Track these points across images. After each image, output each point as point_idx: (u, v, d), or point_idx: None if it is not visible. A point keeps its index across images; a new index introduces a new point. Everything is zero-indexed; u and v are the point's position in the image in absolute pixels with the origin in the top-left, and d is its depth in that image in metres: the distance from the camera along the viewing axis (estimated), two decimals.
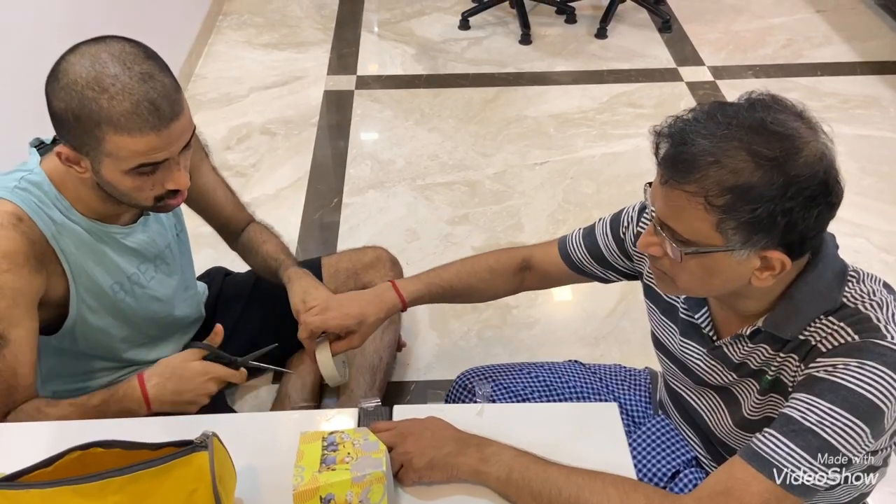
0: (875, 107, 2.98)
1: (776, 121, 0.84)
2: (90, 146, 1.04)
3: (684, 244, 0.89)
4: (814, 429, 0.85)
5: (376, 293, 1.29)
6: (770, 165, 0.81)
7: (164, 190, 1.12)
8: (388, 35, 3.60)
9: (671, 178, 0.86)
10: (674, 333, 1.13)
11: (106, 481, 0.83)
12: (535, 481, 0.92)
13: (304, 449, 0.92)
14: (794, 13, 3.69)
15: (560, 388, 1.34)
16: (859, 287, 0.93)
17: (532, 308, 2.14)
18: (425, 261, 2.27)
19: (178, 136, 1.06)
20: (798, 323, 0.93)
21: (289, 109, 3.03)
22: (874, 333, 0.88)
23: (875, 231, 2.37)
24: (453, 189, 2.60)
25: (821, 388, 0.87)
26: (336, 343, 1.27)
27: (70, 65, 1.02)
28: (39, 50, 2.04)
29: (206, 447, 0.86)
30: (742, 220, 0.83)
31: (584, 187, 2.59)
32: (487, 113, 3.01)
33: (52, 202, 1.14)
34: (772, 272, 0.88)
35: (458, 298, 1.35)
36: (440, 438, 0.98)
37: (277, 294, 1.65)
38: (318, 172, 2.69)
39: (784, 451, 0.86)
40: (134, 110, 1.00)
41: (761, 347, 0.98)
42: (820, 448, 0.85)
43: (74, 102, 1.01)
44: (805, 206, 0.82)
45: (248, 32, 3.58)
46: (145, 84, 1.01)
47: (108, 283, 1.24)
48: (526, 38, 3.47)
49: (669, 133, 0.88)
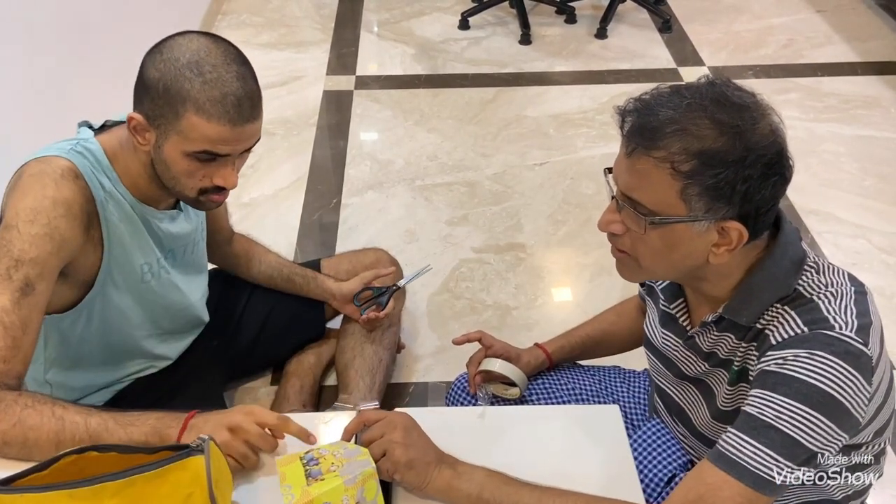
0: (876, 107, 2.97)
1: (735, 95, 0.89)
2: (166, 119, 1.10)
3: (648, 214, 0.90)
4: (773, 424, 0.86)
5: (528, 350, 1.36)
6: (732, 132, 0.85)
7: (212, 184, 1.16)
8: (387, 35, 3.60)
9: (639, 145, 0.89)
10: (656, 326, 1.14)
11: (101, 485, 0.82)
12: (505, 501, 0.93)
13: (284, 471, 0.90)
14: (794, 13, 3.69)
15: (559, 390, 1.34)
16: (817, 277, 0.94)
17: (531, 310, 2.13)
18: (424, 261, 2.27)
19: (246, 138, 1.13)
20: (754, 309, 0.94)
21: (288, 109, 3.03)
22: (823, 324, 0.88)
23: (876, 232, 2.37)
24: (452, 189, 2.60)
25: (773, 381, 0.88)
26: None
27: (177, 43, 1.10)
28: (36, 49, 2.04)
29: (202, 451, 0.86)
30: (706, 185, 0.86)
31: (584, 188, 2.58)
32: (487, 113, 3.00)
33: (104, 170, 1.18)
34: (728, 246, 0.91)
35: (597, 348, 1.38)
36: (424, 445, 0.98)
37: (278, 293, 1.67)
38: (317, 173, 2.69)
39: (749, 450, 0.86)
40: (220, 100, 1.07)
41: (726, 336, 1.00)
42: (783, 443, 0.85)
43: (170, 76, 1.07)
44: (763, 174, 0.86)
45: (246, 32, 3.57)
46: (238, 82, 1.09)
47: (140, 261, 1.26)
48: (526, 38, 3.47)
49: (635, 108, 0.91)
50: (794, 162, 0.90)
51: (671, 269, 0.98)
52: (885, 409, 0.97)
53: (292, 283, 1.67)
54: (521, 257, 2.32)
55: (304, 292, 1.68)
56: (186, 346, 1.48)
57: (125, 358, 1.37)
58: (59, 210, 1.09)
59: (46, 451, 0.97)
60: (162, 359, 1.43)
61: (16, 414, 0.99)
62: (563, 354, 1.36)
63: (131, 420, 1.01)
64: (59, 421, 0.99)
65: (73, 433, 0.99)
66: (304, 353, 1.77)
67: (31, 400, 1.01)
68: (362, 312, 1.66)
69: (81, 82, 2.25)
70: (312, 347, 1.79)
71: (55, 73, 2.12)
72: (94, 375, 1.35)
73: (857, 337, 0.87)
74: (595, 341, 1.37)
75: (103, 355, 1.33)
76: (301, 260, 2.02)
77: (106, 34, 2.50)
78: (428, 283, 2.17)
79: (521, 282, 2.23)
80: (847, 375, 0.85)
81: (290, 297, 1.69)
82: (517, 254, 2.33)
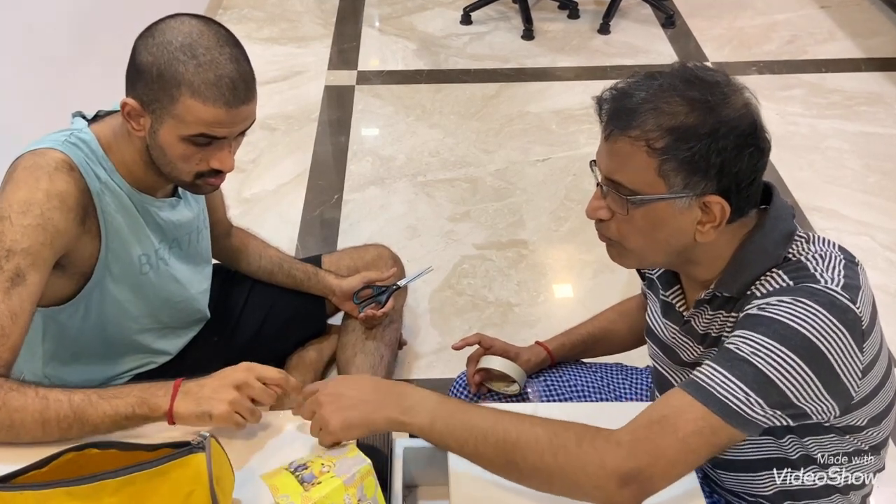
0: (879, 103, 2.96)
1: (705, 74, 0.92)
2: (161, 104, 1.09)
3: (629, 194, 0.93)
4: (748, 359, 0.86)
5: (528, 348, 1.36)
6: (703, 108, 0.88)
7: (208, 168, 1.15)
8: (389, 30, 3.59)
9: (615, 127, 0.92)
10: (658, 317, 1.14)
11: (101, 483, 0.82)
12: (459, 429, 0.91)
13: (274, 483, 0.88)
14: (798, 9, 3.67)
15: (561, 387, 1.34)
16: (807, 246, 0.95)
17: (534, 306, 2.12)
18: (426, 258, 2.26)
19: (242, 120, 1.13)
20: (744, 279, 0.95)
21: (289, 105, 3.02)
22: (808, 279, 0.90)
23: (879, 229, 2.36)
24: (454, 186, 2.59)
25: (753, 322, 0.89)
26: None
27: (168, 27, 1.09)
28: (35, 44, 2.03)
29: (203, 448, 0.85)
30: (681, 160, 0.88)
31: (586, 184, 2.57)
32: (489, 109, 2.99)
33: (99, 161, 1.17)
34: (712, 223, 0.92)
35: (598, 346, 1.38)
36: (357, 397, 0.96)
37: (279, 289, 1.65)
38: (319, 168, 2.68)
39: (719, 379, 0.87)
40: (215, 82, 1.07)
41: (720, 314, 1.00)
42: (756, 378, 0.85)
43: (163, 60, 1.07)
44: (737, 145, 0.88)
45: (248, 27, 3.56)
46: (232, 64, 1.09)
47: (137, 253, 1.26)
48: (528, 34, 3.45)
49: (611, 96, 0.95)
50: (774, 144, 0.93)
51: (660, 252, 0.99)
52: (882, 396, 0.96)
53: (293, 278, 1.66)
54: (523, 254, 2.31)
55: (304, 288, 1.67)
56: (186, 342, 1.48)
57: (124, 352, 1.36)
58: (53, 202, 1.09)
59: (33, 431, 0.98)
60: (161, 354, 1.42)
61: (1, 397, 0.99)
62: (565, 352, 1.36)
63: (115, 393, 1.02)
64: (42, 400, 0.99)
65: (58, 410, 0.99)
66: (305, 349, 1.76)
67: (14, 384, 1.01)
68: (360, 310, 1.66)
69: (83, 71, 2.24)
70: (314, 343, 1.78)
71: (55, 63, 2.11)
72: (92, 370, 1.34)
73: (844, 293, 0.88)
74: (596, 339, 1.37)
75: (102, 349, 1.33)
76: (302, 256, 2.01)
77: (106, 25, 2.48)
78: (430, 279, 2.16)
79: (524, 279, 2.22)
80: (830, 326, 0.86)
81: (291, 293, 1.68)
82: (519, 250, 2.32)
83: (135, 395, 1.01)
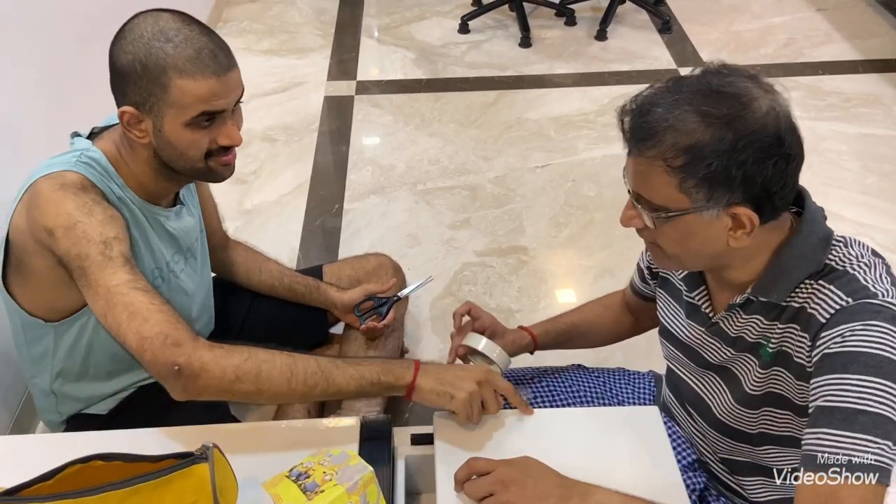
0: (877, 105, 2.97)
1: (723, 83, 0.89)
2: (155, 97, 1.10)
3: (656, 210, 0.93)
4: (858, 408, 0.83)
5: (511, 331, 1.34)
6: (719, 123, 0.86)
7: (217, 145, 1.16)
8: (387, 40, 3.61)
9: (634, 147, 0.92)
10: (679, 316, 1.14)
11: (106, 494, 0.82)
12: None
13: (276, 492, 0.88)
14: (794, 12, 3.68)
15: (563, 392, 1.34)
16: (846, 251, 0.95)
17: (535, 312, 2.13)
18: (427, 266, 2.27)
19: (234, 86, 1.14)
20: (784, 285, 0.95)
21: (289, 115, 3.03)
22: (864, 293, 0.89)
23: (878, 230, 2.36)
24: (454, 193, 2.60)
25: (841, 363, 0.86)
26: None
27: (135, 24, 1.11)
28: (35, 43, 2.05)
29: (206, 459, 0.86)
30: (700, 177, 0.88)
31: (585, 190, 2.58)
32: (488, 116, 3.00)
33: (111, 177, 1.18)
34: (744, 230, 0.91)
35: (581, 337, 1.39)
36: (543, 488, 0.94)
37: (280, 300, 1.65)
38: (319, 178, 2.69)
39: (850, 444, 0.83)
40: (196, 56, 1.08)
41: (755, 319, 1.00)
42: (874, 424, 0.82)
43: (142, 52, 1.09)
44: (757, 157, 0.86)
45: (247, 39, 3.58)
46: (204, 36, 1.11)
47: (151, 266, 1.27)
48: (526, 41, 3.47)
49: (631, 109, 0.94)
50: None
51: (695, 258, 0.99)
52: None
53: (294, 292, 1.67)
54: (523, 260, 2.31)
55: (305, 301, 1.68)
56: None
57: (132, 367, 1.37)
58: (101, 203, 1.12)
59: (278, 385, 0.99)
60: None
61: (245, 349, 1.00)
62: (548, 339, 1.35)
63: (359, 361, 1.05)
64: (289, 357, 1.01)
65: (305, 367, 1.00)
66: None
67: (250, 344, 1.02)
68: (362, 322, 1.66)
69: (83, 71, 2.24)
70: (315, 353, 1.78)
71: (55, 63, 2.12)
72: (100, 386, 1.35)
73: None
74: (580, 331, 1.38)
75: (110, 365, 1.33)
76: (304, 265, 2.02)
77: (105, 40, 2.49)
78: (431, 287, 2.17)
79: (524, 285, 2.23)
80: None
81: (293, 304, 1.69)
82: (520, 257, 2.33)
83: (378, 364, 1.03)
